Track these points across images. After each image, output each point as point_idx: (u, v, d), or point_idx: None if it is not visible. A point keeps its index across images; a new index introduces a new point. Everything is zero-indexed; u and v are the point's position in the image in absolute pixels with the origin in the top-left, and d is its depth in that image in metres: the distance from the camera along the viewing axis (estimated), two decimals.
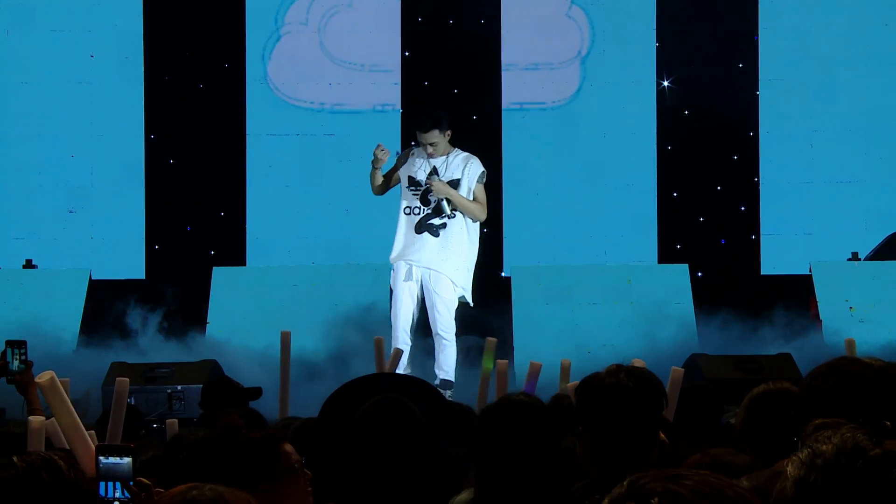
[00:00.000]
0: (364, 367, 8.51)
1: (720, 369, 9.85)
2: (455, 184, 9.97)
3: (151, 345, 11.22)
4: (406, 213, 10.02)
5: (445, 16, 13.40)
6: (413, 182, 10.03)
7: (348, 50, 13.35)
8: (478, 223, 10.08)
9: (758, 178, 13.36)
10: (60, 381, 4.79)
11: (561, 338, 11.45)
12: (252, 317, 11.53)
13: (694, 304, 11.85)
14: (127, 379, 4.91)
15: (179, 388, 9.60)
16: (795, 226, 13.30)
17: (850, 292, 11.93)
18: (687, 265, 12.25)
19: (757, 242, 13.33)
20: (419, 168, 10.05)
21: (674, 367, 6.02)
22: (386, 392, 3.89)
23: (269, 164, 13.30)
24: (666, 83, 13.34)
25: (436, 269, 9.87)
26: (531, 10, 13.37)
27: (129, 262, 13.08)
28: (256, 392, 7.56)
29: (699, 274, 12.68)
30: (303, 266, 12.72)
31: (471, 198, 9.97)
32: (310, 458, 3.69)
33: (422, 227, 9.96)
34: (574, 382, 5.52)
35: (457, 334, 10.06)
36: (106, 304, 11.85)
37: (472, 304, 10.15)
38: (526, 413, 4.87)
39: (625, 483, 1.90)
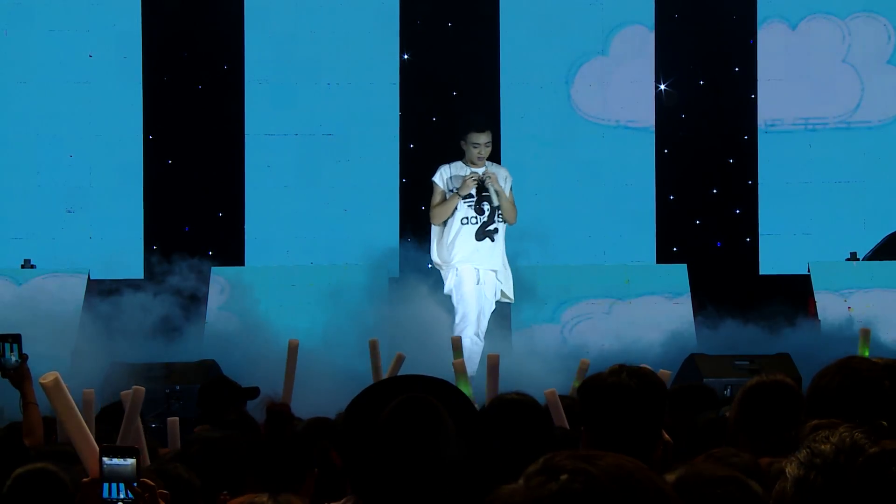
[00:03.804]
0: (363, 367, 8.52)
1: (718, 369, 9.87)
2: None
3: (150, 345, 11.22)
4: (463, 223, 10.72)
5: (444, 18, 13.41)
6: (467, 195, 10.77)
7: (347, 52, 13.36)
8: None
9: (752, 181, 13.38)
10: (85, 392, 4.80)
11: (559, 338, 11.46)
12: (250, 317, 11.53)
13: (692, 304, 11.87)
14: (143, 388, 4.90)
15: (178, 387, 9.61)
16: (794, 226, 13.31)
17: (848, 292, 11.95)
18: (685, 265, 12.28)
19: (753, 245, 13.35)
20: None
21: (661, 371, 6.05)
22: (418, 392, 3.90)
23: (267, 164, 13.31)
24: (663, 86, 13.35)
25: (498, 270, 10.76)
26: (530, 11, 13.38)
27: (128, 262, 13.08)
28: (254, 392, 7.55)
29: (697, 276, 12.69)
30: (301, 266, 12.73)
31: None
32: (339, 455, 3.70)
33: (482, 234, 10.71)
34: (551, 390, 5.51)
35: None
36: (104, 304, 11.84)
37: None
38: (520, 411, 4.88)
39: (540, 460, 1.93)
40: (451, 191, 10.74)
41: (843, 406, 3.36)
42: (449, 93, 13.38)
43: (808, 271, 12.30)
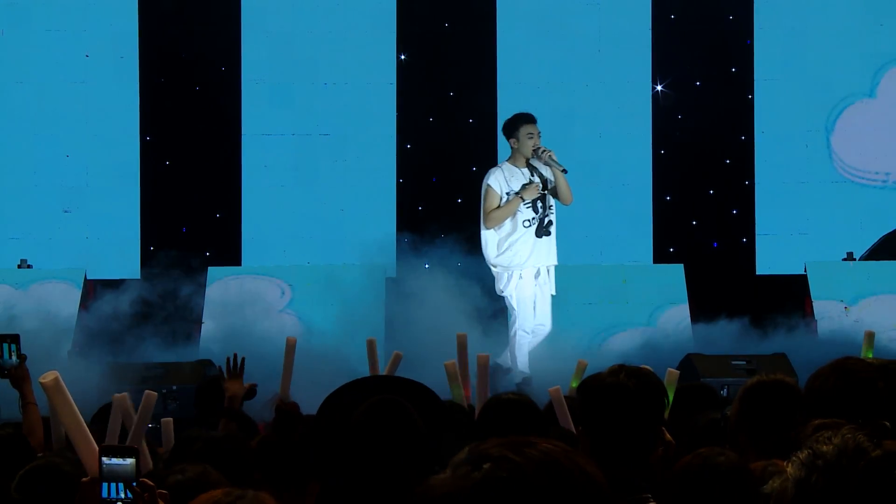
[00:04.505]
0: (360, 367, 8.52)
1: (715, 369, 9.88)
2: (547, 183, 10.98)
3: (146, 345, 11.22)
4: (525, 226, 10.89)
5: (441, 18, 13.41)
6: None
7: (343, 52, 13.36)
8: None
9: (749, 181, 13.38)
10: (116, 397, 4.80)
11: (557, 338, 11.46)
12: (248, 316, 11.53)
13: (689, 304, 11.87)
14: (155, 393, 4.89)
15: (174, 387, 9.60)
16: (791, 226, 13.32)
17: (845, 292, 11.96)
18: (682, 265, 12.28)
19: (749, 246, 13.35)
20: (520, 180, 10.90)
21: (669, 369, 6.05)
22: (383, 393, 3.90)
23: (264, 164, 13.31)
24: (660, 87, 13.35)
25: (554, 264, 11.00)
26: (527, 11, 13.38)
27: (125, 263, 13.08)
28: (251, 391, 7.54)
29: (693, 276, 12.70)
30: (298, 266, 12.72)
31: None
32: (311, 458, 3.70)
33: (541, 231, 10.91)
34: (556, 387, 5.52)
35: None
36: (101, 304, 11.85)
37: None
38: (517, 410, 4.89)
39: (466, 449, 1.94)
40: (508, 194, 10.79)
41: (838, 407, 3.36)
42: (446, 93, 13.38)
43: (805, 271, 12.30)
